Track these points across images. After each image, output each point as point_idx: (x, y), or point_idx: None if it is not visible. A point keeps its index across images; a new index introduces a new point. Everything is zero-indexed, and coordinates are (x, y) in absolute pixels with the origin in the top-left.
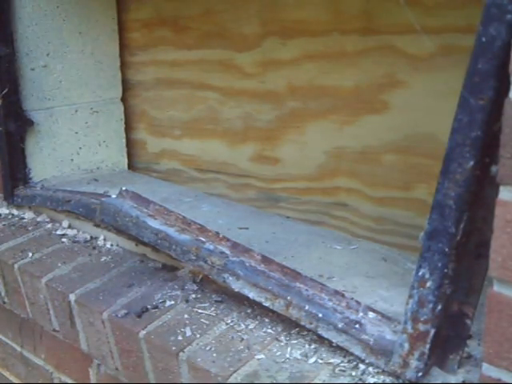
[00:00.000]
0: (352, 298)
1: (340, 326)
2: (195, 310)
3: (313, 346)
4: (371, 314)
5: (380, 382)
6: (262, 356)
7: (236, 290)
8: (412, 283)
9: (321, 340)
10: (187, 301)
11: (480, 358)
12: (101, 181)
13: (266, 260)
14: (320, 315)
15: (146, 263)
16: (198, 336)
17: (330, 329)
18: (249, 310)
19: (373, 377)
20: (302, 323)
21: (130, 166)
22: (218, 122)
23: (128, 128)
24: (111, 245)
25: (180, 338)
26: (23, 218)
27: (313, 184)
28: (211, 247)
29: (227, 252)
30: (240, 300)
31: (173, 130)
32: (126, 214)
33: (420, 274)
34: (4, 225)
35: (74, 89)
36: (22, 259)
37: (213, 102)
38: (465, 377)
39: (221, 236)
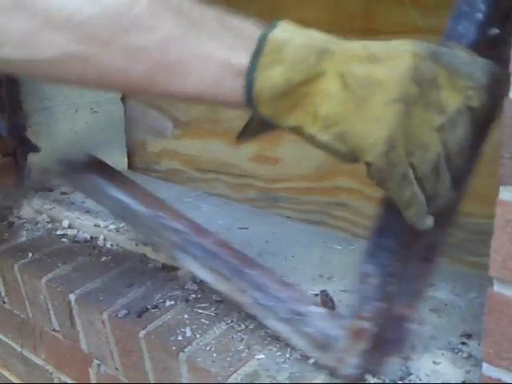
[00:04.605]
0: (299, 290)
1: (285, 316)
2: (195, 310)
3: None
4: (316, 309)
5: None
6: (262, 356)
7: (186, 268)
8: (358, 279)
9: None
10: (187, 301)
11: (480, 358)
12: None
13: (222, 243)
14: (268, 304)
15: (146, 263)
16: (198, 336)
17: (276, 318)
18: None
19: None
20: (249, 311)
21: (130, 166)
22: (218, 122)
23: (128, 128)
24: (111, 245)
25: (180, 337)
26: (23, 218)
27: (313, 184)
28: (170, 223)
29: (185, 230)
30: None
31: (173, 130)
32: (91, 180)
33: (365, 269)
34: (4, 224)
35: (74, 89)
36: (22, 259)
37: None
38: (465, 377)
39: (180, 214)
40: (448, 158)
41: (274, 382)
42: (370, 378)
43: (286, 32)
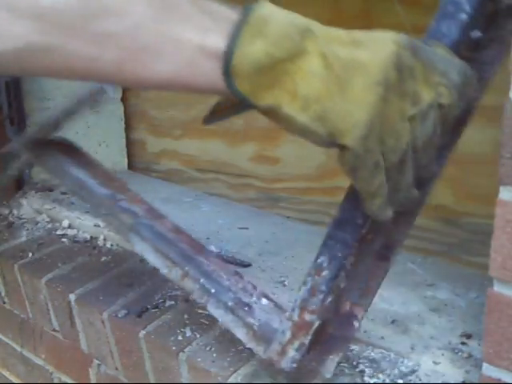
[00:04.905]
0: (249, 282)
1: (229, 304)
2: (195, 309)
3: None
4: (264, 301)
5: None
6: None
7: (138, 251)
8: (309, 270)
9: None
10: (187, 301)
11: (480, 357)
12: None
13: (176, 230)
14: (212, 291)
15: (146, 263)
16: (198, 336)
17: (219, 306)
18: None
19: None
20: (194, 296)
21: (130, 166)
22: (218, 122)
23: (128, 128)
24: (111, 245)
25: (180, 337)
26: (23, 218)
27: (313, 184)
28: (125, 205)
29: (140, 213)
30: None
31: (173, 130)
32: (54, 158)
33: (318, 261)
34: (4, 224)
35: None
36: (22, 259)
37: (213, 101)
38: (465, 377)
39: (139, 198)
40: (414, 151)
41: (274, 381)
42: (367, 378)
43: (269, 8)
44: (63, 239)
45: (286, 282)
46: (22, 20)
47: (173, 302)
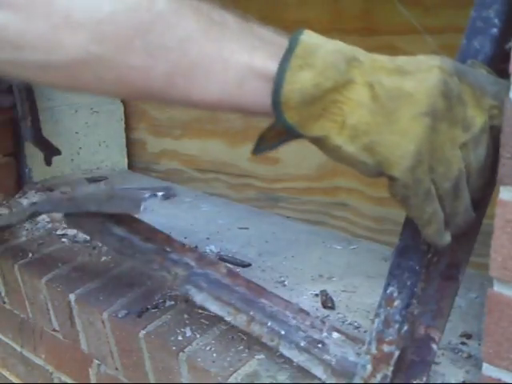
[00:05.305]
0: (317, 317)
1: (302, 344)
2: (195, 309)
3: None
4: (335, 335)
5: None
6: (262, 356)
7: (198, 302)
8: (379, 301)
9: None
10: (187, 301)
11: (480, 358)
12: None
13: (231, 274)
14: (282, 332)
15: (147, 263)
16: (198, 336)
17: (292, 347)
18: None
19: None
20: (264, 340)
21: (130, 166)
22: (218, 122)
23: (128, 128)
24: None
25: (180, 338)
26: None
27: (313, 184)
28: (175, 257)
29: (192, 263)
30: None
31: (173, 130)
32: (92, 220)
33: (388, 291)
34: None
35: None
36: (22, 259)
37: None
38: (465, 377)
39: (187, 247)
40: (469, 177)
41: (274, 381)
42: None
43: (314, 37)
44: (63, 239)
45: (285, 282)
46: (78, 31)
47: (173, 302)
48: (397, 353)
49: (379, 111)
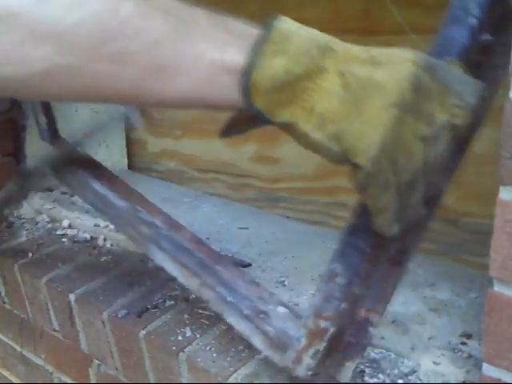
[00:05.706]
0: (266, 290)
1: (245, 312)
2: (195, 310)
3: None
4: (281, 309)
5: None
6: (262, 356)
7: (156, 262)
8: (323, 277)
9: None
10: (187, 301)
11: (480, 358)
12: None
13: (195, 240)
14: (229, 299)
15: (146, 263)
16: (198, 336)
17: (235, 314)
18: None
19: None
20: (211, 305)
21: (130, 166)
22: (217, 122)
23: (128, 128)
24: (111, 245)
25: (180, 338)
26: (23, 218)
27: (313, 184)
28: (145, 217)
29: (159, 225)
30: None
31: (173, 130)
32: (76, 174)
33: (332, 267)
34: (4, 225)
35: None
36: (22, 259)
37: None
38: (465, 377)
39: (158, 210)
40: (425, 170)
41: (274, 381)
42: (367, 378)
43: (290, 23)
44: (63, 239)
45: (285, 282)
46: (43, 43)
47: (173, 302)
48: (332, 329)
49: (349, 100)
